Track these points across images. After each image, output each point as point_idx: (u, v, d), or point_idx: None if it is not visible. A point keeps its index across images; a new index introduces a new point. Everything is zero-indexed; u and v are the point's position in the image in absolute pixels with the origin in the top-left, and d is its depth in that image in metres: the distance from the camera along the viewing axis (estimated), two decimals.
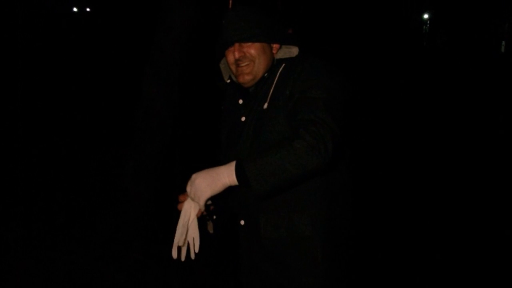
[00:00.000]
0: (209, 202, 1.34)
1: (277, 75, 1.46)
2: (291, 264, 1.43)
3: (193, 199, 1.29)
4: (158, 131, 3.31)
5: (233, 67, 1.50)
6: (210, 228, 1.54)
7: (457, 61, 17.94)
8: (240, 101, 1.54)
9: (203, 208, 1.31)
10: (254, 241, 1.49)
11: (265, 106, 1.43)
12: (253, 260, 1.52)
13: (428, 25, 31.83)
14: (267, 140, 1.39)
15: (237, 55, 1.45)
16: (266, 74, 1.48)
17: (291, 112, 1.34)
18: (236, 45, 1.46)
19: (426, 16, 31.87)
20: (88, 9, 29.41)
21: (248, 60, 1.46)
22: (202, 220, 1.48)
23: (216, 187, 1.25)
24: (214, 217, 1.53)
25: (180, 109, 3.38)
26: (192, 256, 1.39)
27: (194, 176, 1.30)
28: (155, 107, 3.30)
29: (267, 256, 1.47)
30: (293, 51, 1.51)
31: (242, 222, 1.53)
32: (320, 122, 1.23)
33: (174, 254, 1.39)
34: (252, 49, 1.45)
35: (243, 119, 1.50)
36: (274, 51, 1.51)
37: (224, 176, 1.24)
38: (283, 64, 1.48)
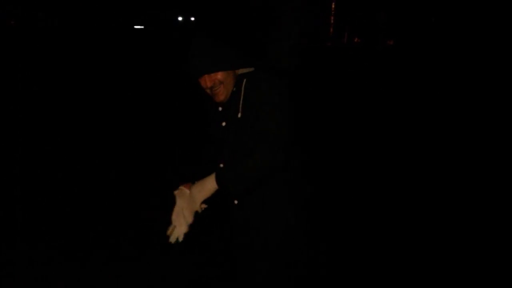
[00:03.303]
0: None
1: (243, 89, 1.77)
2: (260, 226, 1.83)
3: (189, 202, 1.76)
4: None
5: (208, 91, 1.78)
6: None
7: None
8: (220, 109, 1.84)
9: (199, 209, 1.76)
10: (242, 215, 1.88)
11: (239, 115, 1.76)
12: (240, 229, 1.91)
13: None
14: (246, 141, 1.75)
15: (208, 84, 1.74)
16: (234, 88, 1.78)
17: (255, 121, 1.72)
18: (205, 75, 1.74)
19: None
20: (192, 18, 31.15)
21: (218, 85, 1.74)
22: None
23: (206, 193, 1.74)
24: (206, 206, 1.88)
25: None
26: (173, 241, 1.78)
27: (192, 186, 1.77)
28: None
29: (248, 225, 1.87)
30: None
31: (236, 202, 1.88)
32: (271, 132, 1.66)
33: (172, 239, 1.78)
34: (219, 76, 1.74)
35: (223, 124, 1.82)
36: (236, 70, 1.81)
37: (211, 184, 1.72)
38: (245, 79, 1.78)
